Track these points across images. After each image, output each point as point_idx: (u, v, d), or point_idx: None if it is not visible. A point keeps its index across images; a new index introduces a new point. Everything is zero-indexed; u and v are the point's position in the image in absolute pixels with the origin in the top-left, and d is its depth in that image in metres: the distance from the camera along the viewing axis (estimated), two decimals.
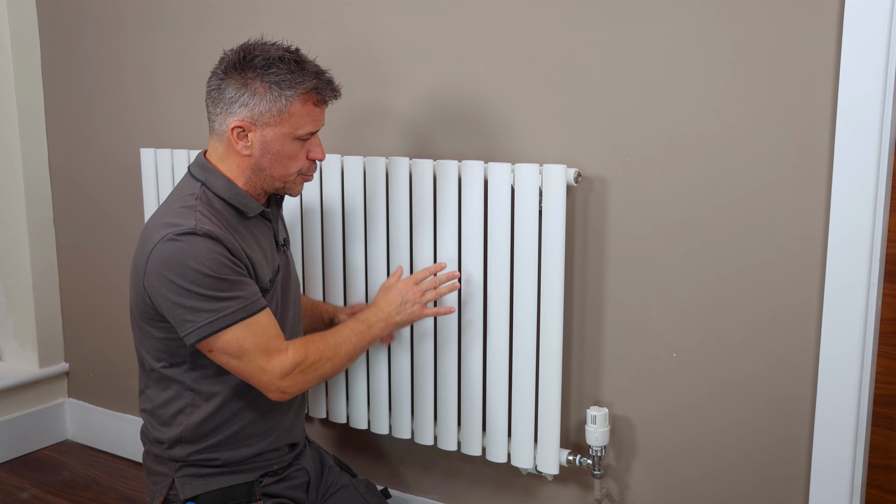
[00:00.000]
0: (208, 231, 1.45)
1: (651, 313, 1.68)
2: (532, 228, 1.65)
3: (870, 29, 1.39)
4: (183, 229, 1.44)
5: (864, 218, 1.43)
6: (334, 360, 1.57)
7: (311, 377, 1.54)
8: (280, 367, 1.49)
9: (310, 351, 1.53)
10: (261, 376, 1.49)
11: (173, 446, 1.58)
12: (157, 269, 1.44)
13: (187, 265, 1.42)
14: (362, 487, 1.77)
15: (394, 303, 1.67)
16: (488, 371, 1.77)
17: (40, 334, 2.66)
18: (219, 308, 1.43)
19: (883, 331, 1.52)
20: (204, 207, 1.50)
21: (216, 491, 1.57)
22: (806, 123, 1.48)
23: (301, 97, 1.51)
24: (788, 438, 1.58)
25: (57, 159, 2.62)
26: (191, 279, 1.42)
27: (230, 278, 1.45)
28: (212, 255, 1.43)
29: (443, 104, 1.86)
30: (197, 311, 1.43)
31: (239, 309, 1.45)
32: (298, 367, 1.51)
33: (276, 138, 1.52)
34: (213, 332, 1.44)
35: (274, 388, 1.50)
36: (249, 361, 1.47)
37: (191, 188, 1.55)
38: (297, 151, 1.55)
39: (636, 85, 1.63)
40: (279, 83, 1.49)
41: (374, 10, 1.92)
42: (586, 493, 1.82)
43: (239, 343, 1.46)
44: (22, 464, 2.55)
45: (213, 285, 1.43)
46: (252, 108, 1.51)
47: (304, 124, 1.53)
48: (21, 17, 2.52)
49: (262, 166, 1.55)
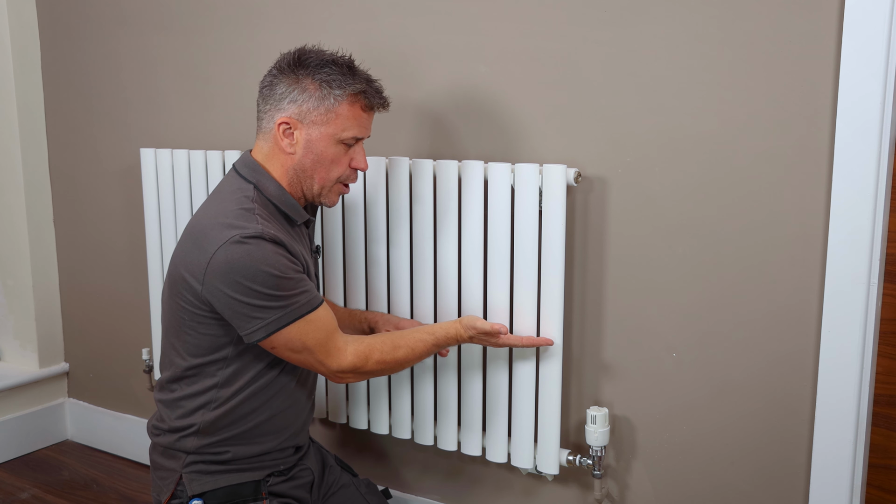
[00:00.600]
0: (273, 236, 1.47)
1: (651, 313, 1.68)
2: (532, 228, 1.65)
3: (870, 29, 1.39)
4: (249, 233, 1.45)
5: (864, 218, 1.43)
6: (396, 371, 1.63)
7: (366, 378, 1.61)
8: (337, 365, 1.54)
9: (371, 361, 1.57)
10: (319, 368, 1.55)
11: (187, 437, 1.58)
12: (223, 270, 1.44)
13: (258, 268, 1.43)
14: (363, 487, 1.77)
15: (468, 332, 1.65)
16: (488, 371, 1.77)
17: (40, 334, 2.66)
18: (285, 305, 1.47)
19: (883, 331, 1.52)
20: (262, 210, 1.51)
21: (223, 488, 1.57)
22: (806, 123, 1.48)
23: (349, 98, 1.53)
24: (788, 438, 1.58)
25: (57, 159, 2.62)
26: (261, 281, 1.44)
27: (294, 277, 1.48)
28: (278, 258, 1.46)
29: (443, 104, 1.86)
30: (265, 309, 1.46)
31: (303, 304, 1.49)
32: (355, 370, 1.56)
33: (320, 138, 1.54)
34: (280, 327, 1.47)
35: (332, 377, 1.57)
36: (310, 355, 1.52)
37: (244, 189, 1.55)
38: (339, 156, 1.56)
39: (636, 85, 1.63)
40: (330, 82, 1.52)
41: (375, 10, 1.92)
42: (586, 493, 1.82)
43: (301, 339, 1.50)
44: (22, 464, 2.55)
45: (280, 285, 1.46)
46: (300, 105, 1.53)
47: (350, 127, 1.54)
48: (21, 17, 2.52)
49: (304, 167, 1.55)
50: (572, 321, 1.76)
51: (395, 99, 1.91)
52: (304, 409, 1.68)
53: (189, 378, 1.58)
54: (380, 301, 1.87)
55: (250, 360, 1.57)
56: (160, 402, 1.63)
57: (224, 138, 2.20)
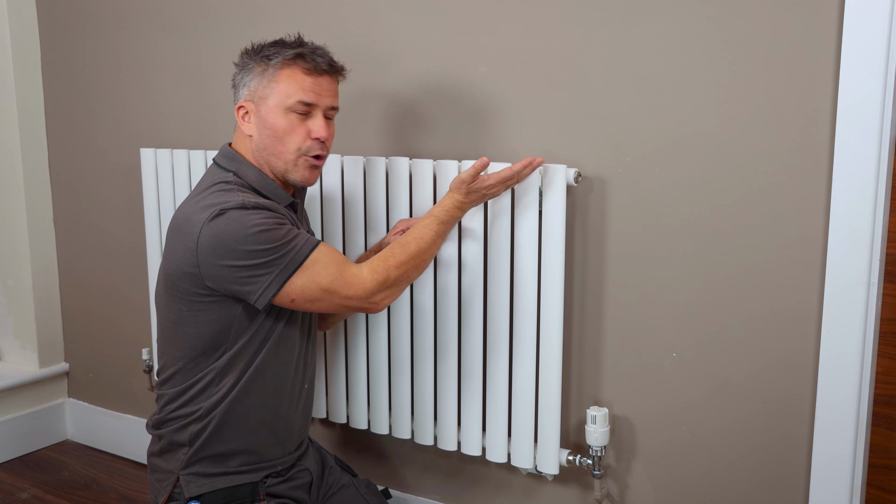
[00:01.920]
0: (256, 203, 1.47)
1: (651, 313, 1.68)
2: (532, 228, 1.65)
3: (869, 28, 1.39)
4: (230, 205, 1.46)
5: (864, 218, 1.43)
6: (420, 266, 1.60)
7: (400, 288, 1.58)
8: (363, 290, 1.51)
9: (390, 268, 1.54)
10: (348, 304, 1.52)
11: (188, 425, 1.58)
12: (214, 244, 1.45)
13: (246, 232, 1.44)
14: (363, 487, 1.77)
15: (461, 191, 1.63)
16: (488, 371, 1.77)
17: (40, 334, 2.66)
18: (284, 254, 1.46)
19: (883, 331, 1.52)
20: (243, 190, 1.53)
21: (220, 490, 1.57)
22: (806, 123, 1.48)
23: (285, 63, 1.53)
24: (788, 438, 1.58)
25: (57, 159, 2.62)
26: (252, 240, 1.44)
27: (283, 228, 1.47)
28: (262, 218, 1.46)
29: (443, 104, 1.86)
30: (267, 265, 1.46)
31: (301, 248, 1.47)
32: (383, 285, 1.52)
33: (269, 112, 1.54)
34: (287, 277, 1.47)
35: (368, 306, 1.53)
36: (332, 296, 1.50)
37: (224, 177, 1.56)
38: (293, 126, 1.54)
39: (636, 85, 1.63)
40: (268, 56, 1.55)
41: (375, 9, 1.92)
42: (586, 493, 1.82)
43: (316, 282, 1.48)
44: (22, 464, 2.55)
45: (272, 237, 1.45)
46: (248, 86, 1.57)
47: (293, 92, 1.53)
48: (21, 17, 2.52)
49: (265, 146, 1.56)
50: (572, 321, 1.76)
51: (395, 99, 1.91)
52: (301, 404, 1.67)
53: (186, 371, 1.58)
54: None
55: (249, 348, 1.56)
56: (162, 398, 1.63)
57: (224, 138, 2.20)
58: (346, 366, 1.99)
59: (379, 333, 1.89)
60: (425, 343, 1.82)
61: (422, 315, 1.82)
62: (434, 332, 1.82)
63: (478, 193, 1.62)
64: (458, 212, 1.64)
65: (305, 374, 1.69)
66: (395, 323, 1.86)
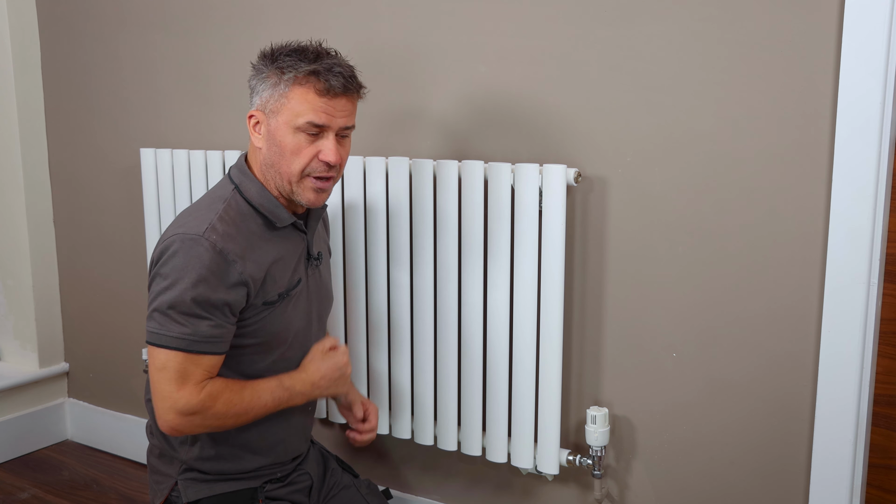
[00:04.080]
0: (214, 242, 1.41)
1: (651, 313, 1.68)
2: (532, 228, 1.65)
3: (869, 28, 1.39)
4: (191, 234, 1.41)
5: (864, 218, 1.43)
6: (239, 419, 1.49)
7: (209, 425, 1.47)
8: (186, 402, 1.42)
9: (220, 400, 1.45)
10: (164, 400, 1.42)
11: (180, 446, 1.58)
12: (157, 262, 1.44)
13: (173, 270, 1.40)
14: (364, 488, 1.77)
15: (333, 376, 1.60)
16: (488, 371, 1.77)
17: (40, 334, 2.66)
18: (166, 325, 1.40)
19: (883, 331, 1.52)
20: (227, 213, 1.46)
21: (218, 496, 1.57)
22: (806, 122, 1.48)
23: (299, 80, 1.44)
24: (788, 438, 1.58)
25: (57, 160, 2.62)
26: (167, 285, 1.40)
27: (196, 312, 1.40)
28: (197, 276, 1.39)
29: (442, 104, 1.86)
30: (152, 314, 1.42)
31: (181, 338, 1.40)
32: (201, 412, 1.43)
33: (278, 128, 1.46)
34: (151, 343, 1.42)
35: (168, 419, 1.43)
36: (163, 381, 1.42)
37: (223, 191, 1.52)
38: (301, 146, 1.45)
39: (636, 84, 1.63)
40: (284, 67, 1.45)
41: (375, 11, 1.91)
42: (586, 493, 1.82)
43: (165, 360, 1.41)
44: (22, 464, 2.55)
45: (176, 303, 1.39)
46: (261, 95, 1.48)
47: (303, 112, 1.44)
48: (21, 17, 2.52)
49: (271, 161, 1.48)
50: (572, 321, 1.76)
51: (395, 99, 1.91)
52: (297, 424, 1.65)
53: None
54: (379, 300, 1.87)
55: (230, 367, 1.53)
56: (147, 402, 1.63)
57: (224, 138, 2.20)
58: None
59: (379, 333, 1.89)
60: (425, 343, 1.82)
61: (422, 315, 1.82)
62: (434, 331, 1.82)
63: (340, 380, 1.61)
64: (310, 387, 1.56)
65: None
66: (395, 323, 1.86)
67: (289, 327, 1.56)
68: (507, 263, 1.71)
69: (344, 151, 1.50)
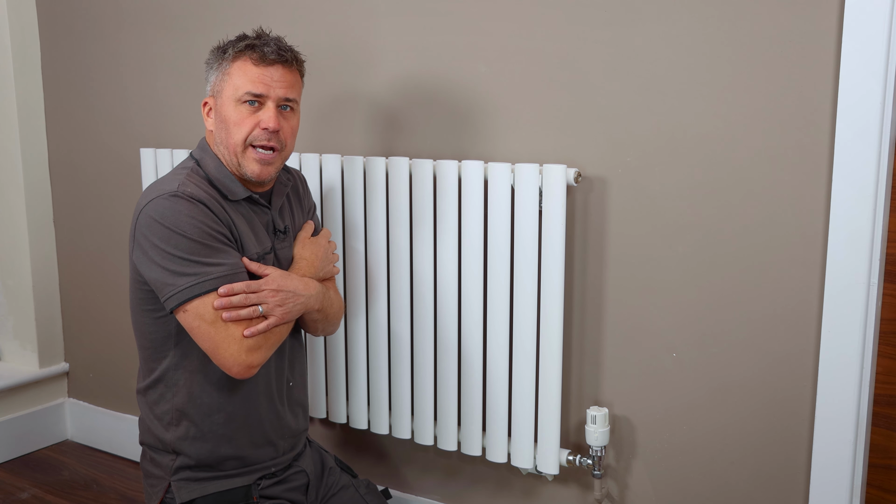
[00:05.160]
0: (191, 193, 1.47)
1: (651, 313, 1.68)
2: (532, 228, 1.65)
3: (870, 29, 1.39)
4: (166, 193, 1.46)
5: (864, 218, 1.43)
6: (291, 326, 1.57)
7: (272, 345, 1.52)
8: (254, 338, 1.47)
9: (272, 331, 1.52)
10: (230, 345, 1.45)
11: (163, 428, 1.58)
12: (142, 233, 1.46)
13: (169, 229, 1.44)
14: (363, 488, 1.77)
15: (319, 257, 1.68)
16: (488, 371, 1.77)
17: (40, 334, 2.66)
18: (200, 272, 1.44)
19: (883, 331, 1.52)
20: (190, 179, 1.53)
21: (212, 495, 1.57)
22: (806, 123, 1.48)
23: (235, 55, 1.53)
24: (788, 438, 1.58)
25: (57, 159, 2.62)
26: (174, 243, 1.44)
27: (211, 245, 1.46)
28: (192, 221, 1.45)
29: (443, 104, 1.86)
30: (178, 274, 1.44)
31: (223, 275, 1.45)
32: (265, 342, 1.49)
33: (223, 104, 1.54)
34: (193, 296, 1.44)
35: (240, 362, 1.46)
36: (221, 328, 1.45)
37: (183, 165, 1.59)
38: (242, 117, 1.53)
39: (636, 85, 1.63)
40: (224, 50, 1.56)
41: (375, 9, 1.92)
42: (586, 493, 1.82)
43: (209, 307, 1.44)
44: (22, 464, 2.55)
45: (194, 250, 1.44)
46: (210, 81, 1.59)
47: (242, 84, 1.52)
48: (21, 17, 2.52)
49: (220, 139, 1.56)
50: (572, 321, 1.76)
51: (395, 99, 1.91)
52: (288, 403, 1.66)
53: (147, 367, 1.59)
54: (379, 300, 1.87)
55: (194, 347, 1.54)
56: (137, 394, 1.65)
57: None
58: (346, 366, 1.99)
59: (379, 333, 1.89)
60: (425, 343, 1.82)
61: (422, 315, 1.82)
62: (434, 331, 1.82)
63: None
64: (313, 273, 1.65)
65: (293, 372, 1.68)
66: (396, 322, 1.86)
67: None
68: (507, 263, 1.71)
69: (286, 124, 1.56)
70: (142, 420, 1.64)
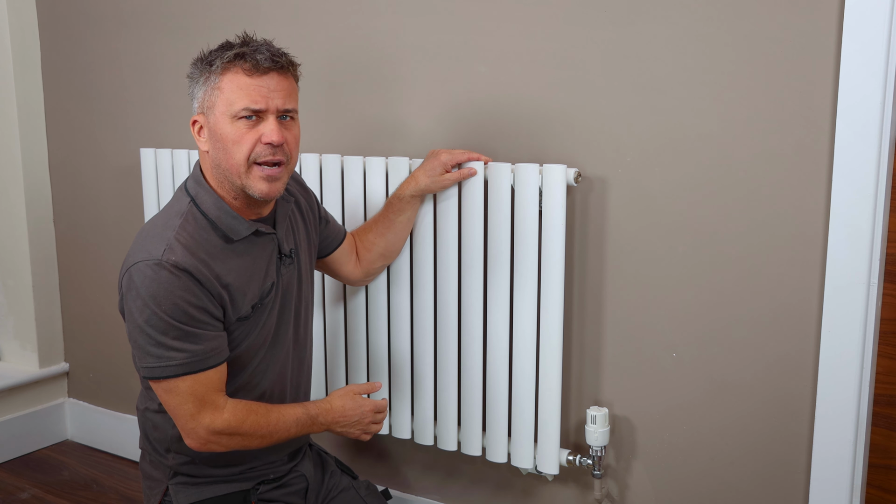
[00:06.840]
0: (176, 263, 1.37)
1: (651, 313, 1.68)
2: (532, 228, 1.65)
3: (870, 29, 1.39)
4: (151, 261, 1.37)
5: (864, 218, 1.43)
6: (265, 440, 1.49)
7: (236, 444, 1.47)
8: (210, 422, 1.42)
9: (247, 422, 1.46)
10: (187, 422, 1.42)
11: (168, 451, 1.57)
12: (124, 293, 1.42)
13: (146, 304, 1.37)
14: (363, 489, 1.76)
15: (350, 417, 1.59)
16: (488, 371, 1.77)
17: (40, 334, 2.66)
18: (165, 356, 1.38)
19: (883, 331, 1.52)
20: (184, 230, 1.42)
21: (210, 499, 1.56)
22: (806, 123, 1.48)
23: (225, 67, 1.40)
24: (788, 438, 1.58)
25: (57, 159, 2.62)
26: (145, 318, 1.37)
27: (183, 327, 1.38)
28: (170, 298, 1.36)
29: (442, 104, 1.86)
30: (145, 352, 1.39)
31: (184, 363, 1.39)
32: (228, 432, 1.44)
33: (217, 122, 1.41)
34: (154, 376, 1.40)
35: (195, 437, 1.43)
36: (182, 404, 1.41)
37: (179, 205, 1.47)
38: (241, 134, 1.40)
39: (636, 85, 1.63)
40: (210, 62, 1.43)
41: (375, 10, 1.91)
42: (586, 493, 1.82)
43: (173, 386, 1.41)
44: (22, 464, 2.55)
45: (165, 330, 1.37)
46: (198, 97, 1.45)
47: (236, 99, 1.39)
48: (21, 17, 2.52)
49: (218, 161, 1.43)
50: (572, 321, 1.76)
51: (395, 99, 1.91)
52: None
53: (148, 394, 1.56)
54: (379, 300, 1.87)
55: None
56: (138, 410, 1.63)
57: None
58: (346, 366, 1.99)
59: (379, 333, 1.89)
60: (425, 343, 1.82)
61: (422, 314, 1.82)
62: (434, 331, 1.82)
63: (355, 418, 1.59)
64: (330, 421, 1.56)
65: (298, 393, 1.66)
66: (396, 322, 1.86)
67: (270, 329, 1.55)
68: (507, 263, 1.71)
69: (290, 135, 1.44)
70: (141, 426, 1.63)
